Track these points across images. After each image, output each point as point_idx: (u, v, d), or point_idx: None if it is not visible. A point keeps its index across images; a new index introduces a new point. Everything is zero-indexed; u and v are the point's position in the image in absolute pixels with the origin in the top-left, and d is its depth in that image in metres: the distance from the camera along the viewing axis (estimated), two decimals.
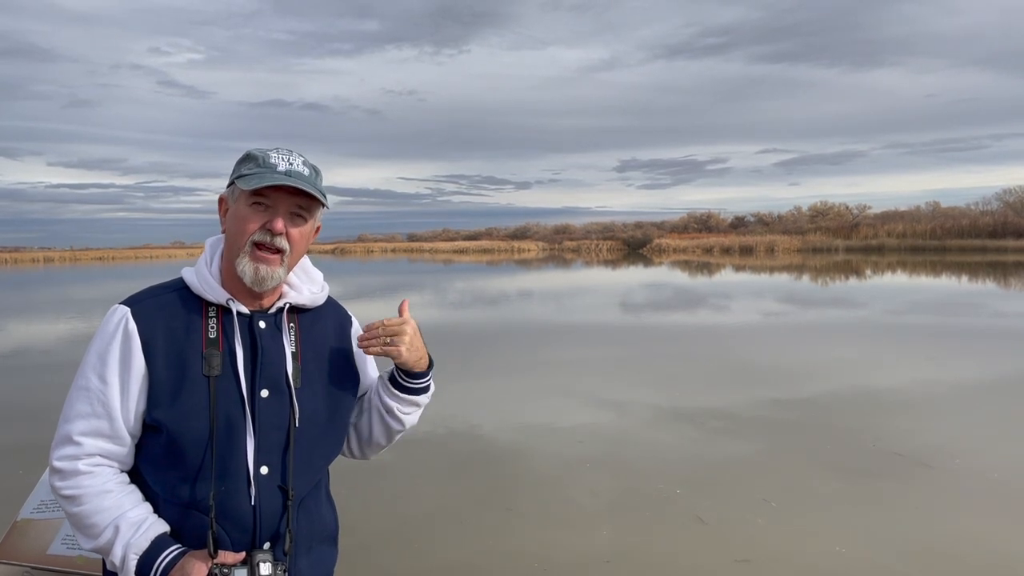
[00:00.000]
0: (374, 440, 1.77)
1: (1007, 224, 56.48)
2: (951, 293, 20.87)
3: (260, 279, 1.53)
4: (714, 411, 7.16)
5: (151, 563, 1.44)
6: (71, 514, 1.51)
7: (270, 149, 1.55)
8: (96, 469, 1.50)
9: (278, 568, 1.48)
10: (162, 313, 1.54)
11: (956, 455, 5.67)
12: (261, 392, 1.53)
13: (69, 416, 1.51)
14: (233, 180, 1.56)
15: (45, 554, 2.15)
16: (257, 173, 1.51)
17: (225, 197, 1.61)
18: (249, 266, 1.52)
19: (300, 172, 1.53)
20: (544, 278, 32.83)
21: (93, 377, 1.50)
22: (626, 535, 4.27)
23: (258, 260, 1.52)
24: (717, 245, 66.12)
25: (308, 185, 1.52)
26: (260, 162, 1.53)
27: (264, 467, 1.52)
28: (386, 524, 4.47)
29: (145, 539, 1.45)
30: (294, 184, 1.50)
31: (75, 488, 1.49)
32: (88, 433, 1.49)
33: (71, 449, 1.50)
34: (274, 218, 1.52)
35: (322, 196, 1.55)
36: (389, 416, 1.70)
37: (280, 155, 1.54)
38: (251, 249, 1.52)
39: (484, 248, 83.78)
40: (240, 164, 1.57)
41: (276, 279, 1.55)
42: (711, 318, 15.32)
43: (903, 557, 3.92)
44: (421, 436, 6.36)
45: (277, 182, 1.49)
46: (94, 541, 1.48)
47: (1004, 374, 8.80)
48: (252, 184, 1.49)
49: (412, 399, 1.69)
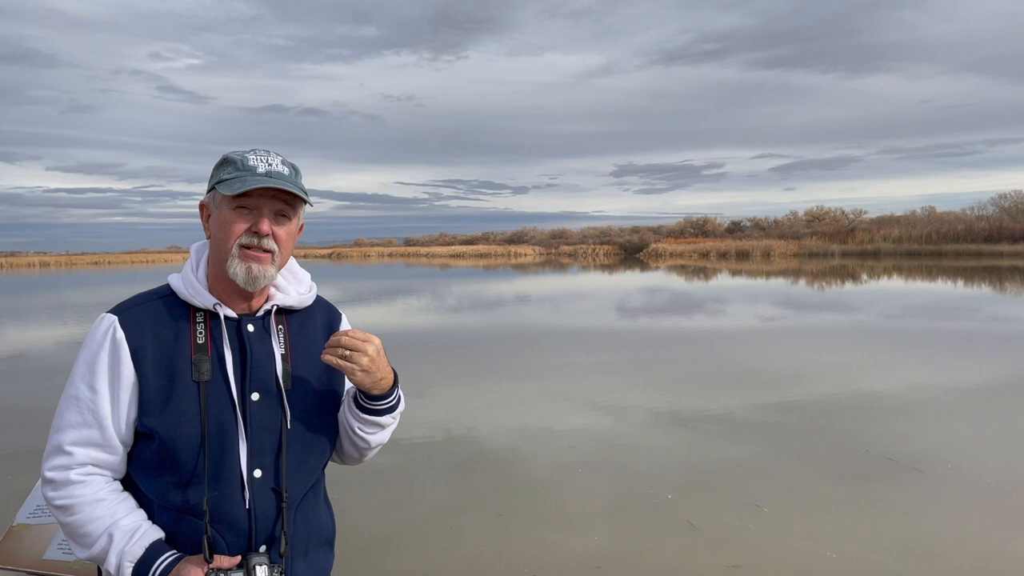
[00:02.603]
0: (346, 453, 1.75)
1: (1002, 229, 56.68)
2: (946, 298, 20.92)
3: (253, 279, 1.52)
4: (708, 415, 7.19)
5: (146, 570, 1.44)
6: (65, 524, 1.50)
7: (248, 151, 1.54)
8: (88, 478, 1.50)
9: (274, 571, 1.49)
10: (150, 320, 1.53)
11: (949, 459, 5.70)
12: (252, 396, 1.53)
13: (60, 426, 1.52)
14: (213, 185, 1.56)
15: (41, 559, 2.16)
16: (238, 177, 1.50)
17: (206, 203, 1.60)
18: (240, 267, 1.52)
19: (280, 172, 1.53)
20: (541, 282, 32.83)
21: (83, 387, 1.50)
22: (617, 540, 4.30)
23: (249, 259, 1.52)
24: (713, 250, 66.26)
25: (290, 185, 1.52)
26: (239, 165, 1.52)
27: (257, 470, 1.53)
28: (382, 527, 4.49)
29: (140, 546, 1.46)
30: (276, 185, 1.50)
31: (68, 498, 1.49)
32: (79, 443, 1.50)
33: (62, 459, 1.50)
34: (259, 220, 1.52)
35: (304, 194, 1.55)
36: (352, 433, 1.67)
37: (258, 157, 1.53)
38: (239, 251, 1.52)
39: (481, 252, 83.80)
40: (219, 169, 1.56)
41: (269, 277, 1.54)
42: (707, 323, 15.35)
43: (895, 562, 3.95)
44: (418, 440, 6.38)
45: (260, 184, 1.48)
46: (88, 550, 1.48)
47: (998, 379, 8.83)
48: (236, 189, 1.48)
49: (373, 419, 1.64)
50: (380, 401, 1.62)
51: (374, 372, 1.56)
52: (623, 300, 21.71)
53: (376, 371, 1.57)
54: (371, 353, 1.54)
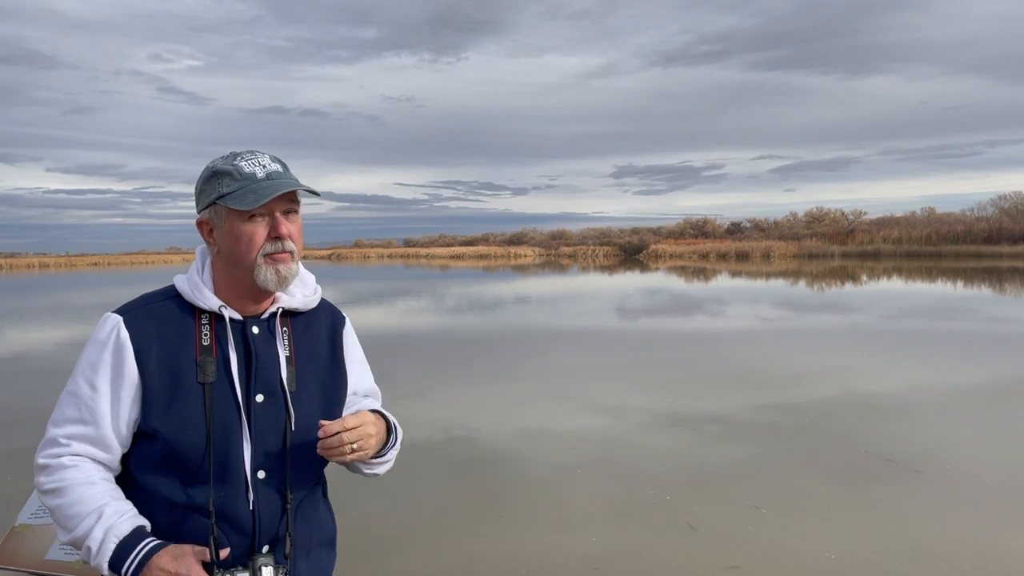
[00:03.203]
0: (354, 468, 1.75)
1: (1002, 230, 56.69)
2: (946, 298, 20.94)
3: (283, 279, 1.54)
4: (707, 416, 7.20)
5: (131, 548, 1.43)
6: (54, 508, 1.49)
7: (234, 159, 1.53)
8: (81, 463, 1.51)
9: (279, 572, 1.50)
10: (154, 321, 1.53)
11: (948, 460, 5.71)
12: (256, 397, 1.54)
13: (57, 420, 1.53)
14: (214, 201, 1.53)
15: (43, 559, 2.17)
16: (243, 188, 1.49)
17: (206, 220, 1.57)
18: (270, 272, 1.52)
19: (277, 171, 1.53)
20: (540, 284, 32.84)
21: (83, 384, 1.51)
22: (615, 541, 4.31)
23: (276, 262, 1.52)
24: (713, 251, 66.28)
25: (295, 182, 1.53)
26: (236, 175, 1.50)
27: (261, 471, 1.54)
28: (382, 528, 4.50)
29: (128, 525, 1.45)
30: (287, 188, 1.49)
31: (59, 481, 1.49)
32: (75, 437, 1.51)
33: (56, 449, 1.51)
34: (277, 225, 1.52)
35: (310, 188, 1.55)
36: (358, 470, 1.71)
37: (249, 162, 1.52)
38: (264, 259, 1.52)
39: (481, 254, 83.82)
40: (213, 182, 1.53)
41: (295, 273, 1.57)
42: (707, 323, 15.36)
43: (894, 562, 3.96)
44: (419, 441, 6.39)
45: (275, 192, 1.48)
46: (73, 532, 1.46)
47: (998, 379, 8.83)
48: (250, 203, 1.47)
49: (378, 462, 1.67)
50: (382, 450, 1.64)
51: (379, 441, 1.59)
52: (623, 301, 21.73)
53: (378, 436, 1.59)
54: (372, 432, 1.56)
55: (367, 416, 1.57)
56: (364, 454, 1.55)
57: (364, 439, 1.53)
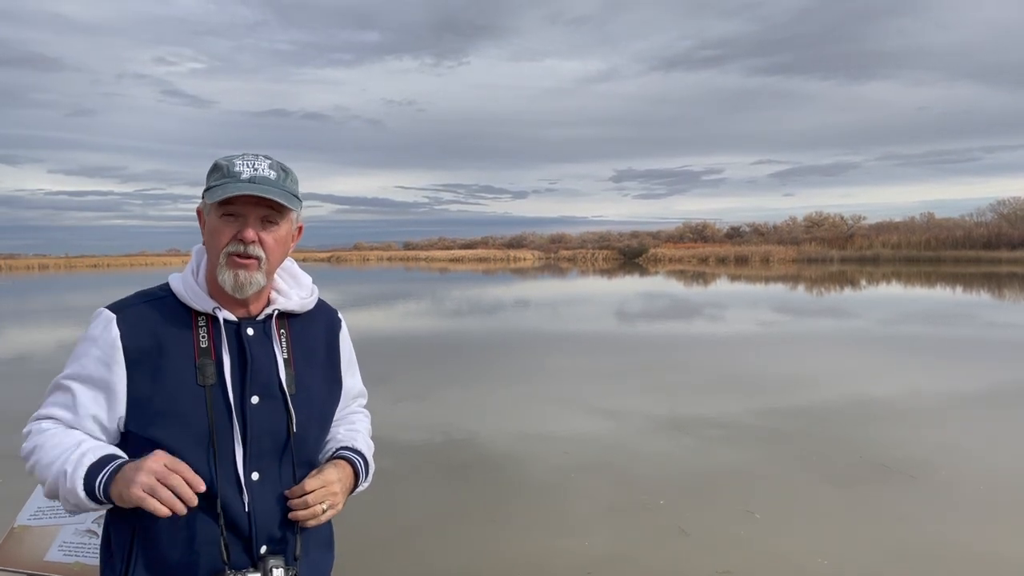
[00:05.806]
0: None
1: (1001, 235, 56.71)
2: (945, 304, 20.95)
3: (240, 285, 1.51)
4: (704, 420, 7.22)
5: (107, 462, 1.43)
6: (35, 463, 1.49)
7: (236, 156, 1.53)
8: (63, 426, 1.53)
9: (290, 573, 1.50)
10: (149, 321, 1.52)
11: (943, 465, 5.73)
12: (251, 399, 1.53)
13: (45, 404, 1.56)
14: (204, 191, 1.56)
15: (42, 561, 2.19)
16: (221, 184, 1.49)
17: (201, 209, 1.60)
18: (228, 274, 1.51)
19: (266, 177, 1.50)
20: (540, 287, 32.85)
21: (70, 378, 1.52)
22: (608, 545, 4.33)
23: (236, 266, 1.51)
24: (712, 255, 66.30)
25: (273, 191, 1.49)
26: (225, 171, 1.51)
27: (255, 473, 1.53)
28: (379, 531, 4.52)
29: (108, 449, 1.47)
30: (257, 192, 1.47)
31: (40, 436, 1.51)
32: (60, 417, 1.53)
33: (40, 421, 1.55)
34: (244, 228, 1.51)
35: (289, 199, 1.52)
36: None
37: (245, 162, 1.51)
38: (227, 259, 1.51)
39: (480, 257, 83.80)
40: (209, 175, 1.55)
41: (256, 284, 1.53)
42: (706, 328, 15.38)
43: (888, 567, 3.98)
44: (417, 443, 6.41)
45: (240, 192, 1.46)
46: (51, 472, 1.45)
47: (995, 385, 8.85)
48: (216, 196, 1.48)
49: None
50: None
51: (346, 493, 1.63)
52: (622, 305, 21.74)
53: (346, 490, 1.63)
54: (337, 489, 1.58)
55: (330, 474, 1.58)
56: (336, 511, 1.58)
57: (331, 497, 1.56)
